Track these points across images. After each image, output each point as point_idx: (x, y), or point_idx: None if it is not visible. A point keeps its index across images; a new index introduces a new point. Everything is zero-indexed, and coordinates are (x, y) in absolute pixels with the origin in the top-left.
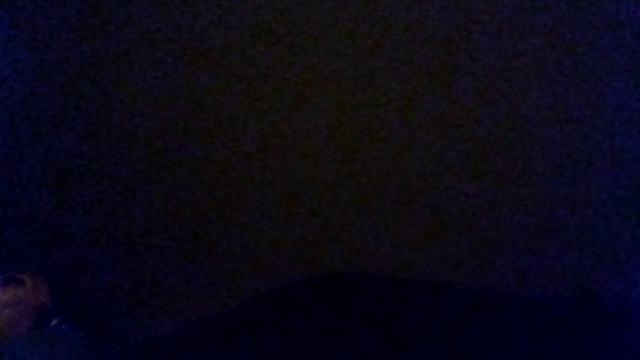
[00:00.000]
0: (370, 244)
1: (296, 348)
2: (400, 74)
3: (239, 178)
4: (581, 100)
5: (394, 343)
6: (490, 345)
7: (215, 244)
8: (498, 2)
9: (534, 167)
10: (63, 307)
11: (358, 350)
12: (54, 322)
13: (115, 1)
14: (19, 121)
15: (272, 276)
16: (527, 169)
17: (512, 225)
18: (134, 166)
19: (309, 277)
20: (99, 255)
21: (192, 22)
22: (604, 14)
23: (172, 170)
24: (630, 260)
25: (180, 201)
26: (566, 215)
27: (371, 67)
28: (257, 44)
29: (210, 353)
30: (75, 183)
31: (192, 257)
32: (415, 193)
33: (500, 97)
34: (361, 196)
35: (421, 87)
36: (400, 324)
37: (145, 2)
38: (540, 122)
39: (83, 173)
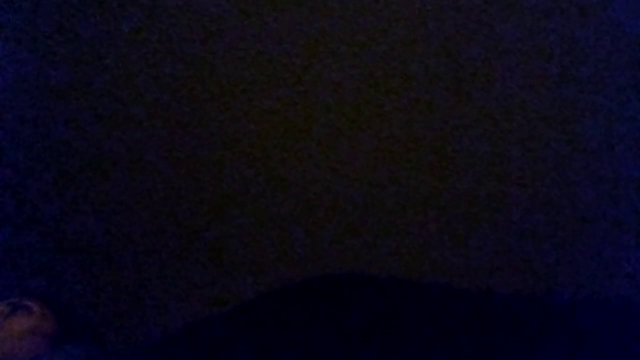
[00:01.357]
0: (371, 244)
1: (296, 348)
2: (401, 74)
3: (239, 178)
4: (582, 101)
5: (394, 343)
6: (490, 345)
7: (215, 244)
8: (499, 3)
9: (534, 167)
10: (64, 328)
11: (358, 351)
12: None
13: (115, 2)
14: (16, 122)
15: (272, 276)
16: (527, 169)
17: (513, 225)
18: (133, 167)
19: (309, 277)
20: (98, 257)
21: (193, 22)
22: (605, 16)
23: (172, 171)
24: (630, 260)
25: (180, 201)
26: (566, 216)
27: (371, 67)
28: (258, 44)
29: (210, 353)
30: (73, 182)
31: (192, 257)
32: (416, 193)
33: (500, 98)
34: (361, 196)
35: (421, 87)
36: (401, 324)
37: (146, 2)
38: (540, 123)
39: (81, 174)
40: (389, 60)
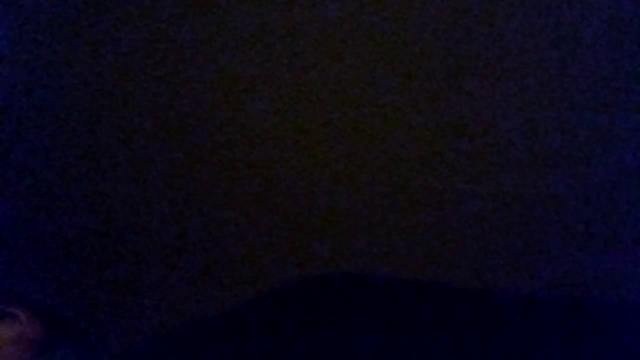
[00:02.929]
0: (371, 244)
1: (296, 348)
2: (401, 74)
3: (239, 178)
4: (581, 100)
5: (395, 343)
6: (490, 345)
7: (214, 244)
8: (499, 2)
9: (534, 166)
10: (53, 335)
11: (358, 350)
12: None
13: (115, 1)
14: (16, 121)
15: (271, 276)
16: (527, 169)
17: (512, 225)
18: (132, 166)
19: (309, 277)
20: (98, 256)
21: (192, 22)
22: (604, 14)
23: (172, 170)
24: (630, 260)
25: (179, 200)
26: (566, 215)
27: (371, 67)
28: (257, 44)
29: (210, 353)
30: (72, 182)
31: (190, 257)
32: (415, 193)
33: (500, 97)
34: (361, 196)
35: (421, 87)
36: (401, 324)
37: (146, 2)
38: (540, 122)
39: (76, 173)
40: (389, 60)
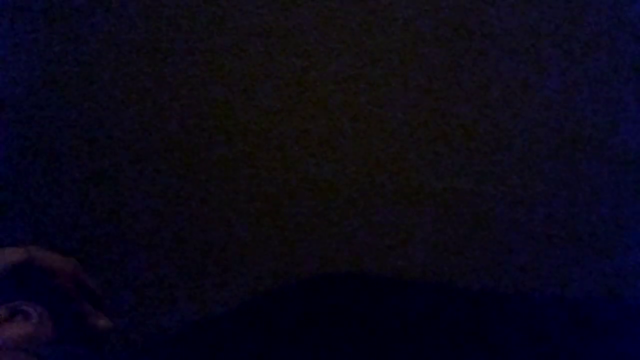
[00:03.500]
0: (371, 244)
1: (295, 348)
2: (400, 74)
3: (238, 177)
4: (583, 100)
5: (394, 343)
6: (490, 345)
7: (214, 244)
8: (499, 2)
9: (535, 166)
10: (64, 333)
11: (357, 351)
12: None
13: (114, 1)
14: (13, 120)
15: (270, 276)
16: (528, 169)
17: (513, 225)
18: (132, 166)
19: (309, 277)
20: (97, 256)
21: (191, 21)
22: (606, 14)
23: (172, 170)
24: (631, 260)
25: (178, 201)
26: (567, 215)
27: (371, 67)
28: (257, 44)
29: (210, 353)
30: (71, 182)
31: (190, 257)
32: (415, 193)
33: (501, 97)
34: (361, 196)
35: (421, 86)
36: (400, 324)
37: (145, 2)
38: (541, 122)
39: (78, 173)
40: (389, 60)
